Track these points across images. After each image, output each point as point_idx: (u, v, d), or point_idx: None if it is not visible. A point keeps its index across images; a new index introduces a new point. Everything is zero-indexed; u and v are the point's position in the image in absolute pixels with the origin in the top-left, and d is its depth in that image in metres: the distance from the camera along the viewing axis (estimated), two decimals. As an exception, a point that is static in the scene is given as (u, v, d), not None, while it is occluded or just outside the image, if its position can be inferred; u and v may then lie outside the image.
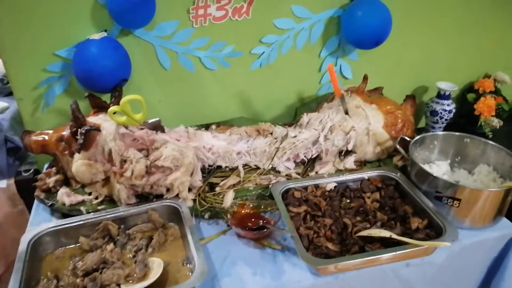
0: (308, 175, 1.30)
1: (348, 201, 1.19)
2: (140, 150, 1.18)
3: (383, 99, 1.46)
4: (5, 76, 1.73)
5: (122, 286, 0.92)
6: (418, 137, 1.30)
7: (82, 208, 1.15)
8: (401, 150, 1.29)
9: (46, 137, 1.21)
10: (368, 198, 1.19)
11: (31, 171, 1.47)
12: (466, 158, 1.31)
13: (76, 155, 1.14)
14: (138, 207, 1.13)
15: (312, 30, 1.51)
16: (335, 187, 1.23)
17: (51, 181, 1.20)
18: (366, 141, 1.33)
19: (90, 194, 1.19)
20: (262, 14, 1.42)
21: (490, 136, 1.68)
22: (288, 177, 1.28)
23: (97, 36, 1.25)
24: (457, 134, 1.32)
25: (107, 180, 1.18)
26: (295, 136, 1.32)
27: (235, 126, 1.41)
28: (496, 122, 1.68)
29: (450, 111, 1.65)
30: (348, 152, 1.34)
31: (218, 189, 1.23)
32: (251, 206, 1.16)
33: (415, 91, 1.77)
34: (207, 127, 1.43)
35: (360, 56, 1.61)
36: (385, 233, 1.02)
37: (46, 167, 1.34)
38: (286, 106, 1.66)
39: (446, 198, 1.10)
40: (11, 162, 1.55)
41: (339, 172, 1.30)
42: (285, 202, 1.14)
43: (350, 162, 1.32)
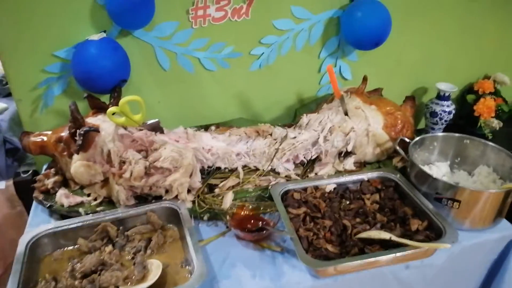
0: (307, 176, 1.30)
1: (348, 202, 1.19)
2: (139, 151, 1.18)
3: (383, 100, 1.45)
4: (4, 77, 1.73)
5: (120, 288, 0.92)
6: (417, 138, 1.29)
7: (81, 209, 1.14)
8: (400, 151, 1.29)
9: (45, 138, 1.20)
10: (368, 199, 1.19)
11: (30, 172, 1.47)
12: (466, 159, 1.31)
13: (75, 156, 1.14)
14: (137, 209, 1.12)
15: (312, 31, 1.51)
16: (334, 189, 1.23)
17: (50, 182, 1.20)
18: (365, 142, 1.33)
19: (89, 195, 1.19)
20: (261, 15, 1.42)
21: (490, 137, 1.68)
22: (288, 178, 1.28)
23: (96, 36, 1.25)
24: (456, 135, 1.32)
25: (106, 181, 1.17)
26: (295, 137, 1.31)
27: (234, 127, 1.41)
28: (496, 123, 1.68)
29: (449, 112, 1.65)
30: (347, 153, 1.33)
31: (217, 190, 1.23)
32: (251, 207, 1.16)
33: (414, 92, 1.77)
34: (207, 128, 1.42)
35: (360, 57, 1.61)
36: (384, 234, 1.02)
37: (44, 168, 1.34)
38: (286, 107, 1.65)
39: (446, 199, 1.10)
40: (9, 163, 1.55)
41: (338, 173, 1.29)
42: (284, 204, 1.14)
43: (349, 163, 1.32)
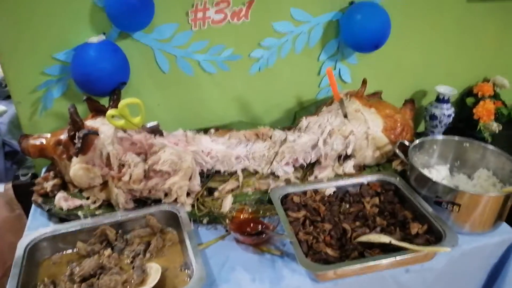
0: (307, 179, 1.30)
1: (348, 206, 1.18)
2: (138, 154, 1.17)
3: (382, 103, 1.45)
4: (3, 79, 1.73)
5: (119, 292, 0.92)
6: (417, 141, 1.29)
7: (80, 212, 1.14)
8: (400, 155, 1.29)
9: (44, 141, 1.20)
10: (368, 203, 1.19)
11: (29, 175, 1.46)
12: (465, 162, 1.31)
13: (74, 159, 1.14)
14: (136, 212, 1.12)
15: (311, 34, 1.50)
16: (334, 192, 1.23)
17: (49, 185, 1.20)
18: (365, 145, 1.33)
19: (88, 198, 1.18)
20: (261, 17, 1.42)
21: (489, 140, 1.68)
22: (287, 181, 1.28)
23: (95, 39, 1.25)
24: (456, 138, 1.32)
25: (105, 185, 1.17)
26: (294, 140, 1.31)
27: (234, 130, 1.40)
28: (495, 127, 1.67)
29: (449, 115, 1.65)
30: (347, 157, 1.33)
31: (216, 193, 1.23)
32: (250, 211, 1.16)
33: (414, 95, 1.76)
34: (206, 131, 1.42)
35: (359, 60, 1.61)
36: (384, 238, 1.02)
37: (44, 171, 1.33)
38: (285, 110, 1.65)
39: (445, 203, 1.10)
40: (8, 166, 1.55)
41: (338, 177, 1.29)
42: (284, 207, 1.14)
43: (349, 166, 1.32)
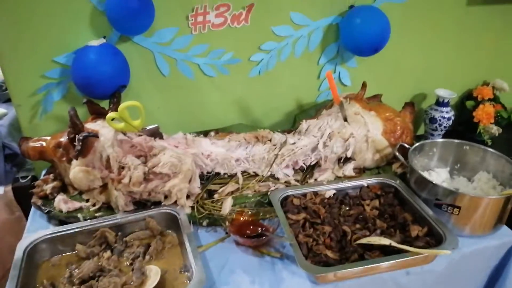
0: (307, 182, 1.29)
1: (348, 208, 1.18)
2: (138, 157, 1.17)
3: (382, 106, 1.46)
4: (3, 82, 1.73)
5: (118, 295, 0.91)
6: (417, 144, 1.29)
7: (79, 215, 1.14)
8: (400, 157, 1.29)
9: (44, 143, 1.20)
10: (368, 205, 1.18)
11: (29, 177, 1.46)
12: (465, 165, 1.31)
13: (74, 162, 1.14)
14: (136, 214, 1.12)
15: (311, 37, 1.51)
16: (334, 195, 1.22)
17: (49, 187, 1.20)
18: (365, 148, 1.33)
19: (87, 201, 1.18)
20: (261, 21, 1.42)
21: (489, 143, 1.68)
22: (287, 184, 1.28)
23: (96, 42, 1.26)
24: (456, 141, 1.32)
25: (104, 187, 1.17)
26: (294, 143, 1.31)
27: (234, 133, 1.41)
28: (495, 130, 1.68)
29: (449, 119, 1.65)
30: (347, 159, 1.33)
31: (216, 196, 1.23)
32: (250, 213, 1.16)
33: (414, 98, 1.77)
34: (206, 133, 1.42)
35: (359, 63, 1.62)
36: (384, 241, 1.01)
37: (43, 173, 1.33)
38: (285, 113, 1.66)
39: (446, 205, 1.10)
40: (8, 168, 1.55)
41: (338, 179, 1.29)
42: (284, 209, 1.13)
43: (349, 169, 1.32)
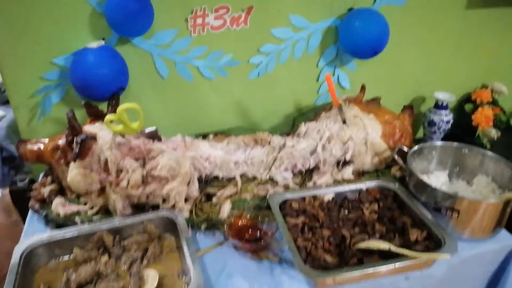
0: (306, 185, 1.29)
1: (346, 212, 1.18)
2: (136, 160, 1.17)
3: (381, 109, 1.45)
4: (2, 84, 1.73)
5: (116, 299, 0.91)
6: (416, 147, 1.29)
7: (77, 218, 1.13)
8: (399, 161, 1.28)
9: (42, 146, 1.20)
10: (367, 209, 1.18)
11: (26, 180, 1.45)
12: (464, 168, 1.31)
13: (72, 164, 1.13)
14: (134, 218, 1.11)
15: (310, 40, 1.51)
16: (333, 198, 1.22)
17: (46, 191, 1.19)
18: (364, 151, 1.32)
19: (85, 204, 1.18)
20: (260, 24, 1.42)
21: (488, 147, 1.68)
22: (286, 187, 1.27)
23: (95, 44, 1.25)
24: (455, 144, 1.31)
25: (102, 190, 1.16)
26: (293, 146, 1.31)
27: (232, 136, 1.40)
28: (494, 133, 1.68)
29: (447, 122, 1.65)
30: (346, 162, 1.33)
31: (215, 199, 1.22)
32: (248, 217, 1.15)
33: (412, 101, 1.77)
34: (205, 136, 1.42)
35: (358, 66, 1.61)
36: (384, 245, 1.01)
37: (41, 176, 1.32)
38: (284, 116, 1.65)
39: (445, 209, 1.09)
40: (6, 171, 1.54)
41: (337, 182, 1.29)
42: (282, 213, 1.13)
43: (348, 172, 1.31)
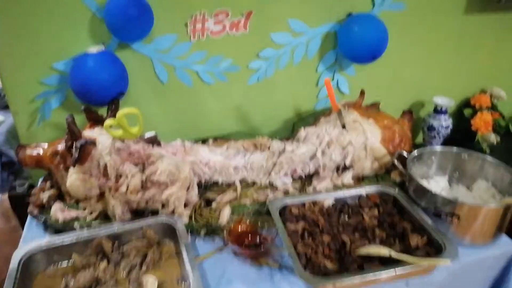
0: (305, 190, 1.29)
1: (346, 217, 1.18)
2: (136, 165, 1.16)
3: (380, 114, 1.46)
4: (1, 89, 1.72)
5: (115, 306, 0.90)
6: (415, 152, 1.29)
7: (76, 224, 1.13)
8: (399, 166, 1.28)
9: (41, 151, 1.19)
10: (367, 214, 1.18)
11: (25, 185, 1.45)
12: (464, 173, 1.31)
13: (71, 170, 1.13)
14: (133, 224, 1.11)
15: (309, 45, 1.51)
16: (333, 204, 1.22)
17: (45, 196, 1.19)
18: (363, 156, 1.32)
19: (84, 209, 1.17)
20: (259, 29, 1.42)
21: (488, 152, 1.68)
22: (286, 192, 1.27)
23: (94, 49, 1.25)
24: (455, 149, 1.31)
25: (101, 196, 1.16)
26: (293, 151, 1.31)
27: (232, 141, 1.40)
28: (493, 138, 1.68)
29: (447, 127, 1.65)
30: (345, 168, 1.33)
31: (214, 204, 1.22)
32: (248, 222, 1.15)
33: (412, 106, 1.77)
34: (204, 141, 1.42)
35: (357, 71, 1.62)
36: (384, 250, 1.00)
37: (40, 181, 1.32)
38: (284, 121, 1.65)
39: (445, 214, 1.09)
40: (5, 176, 1.54)
41: (337, 188, 1.28)
42: (282, 219, 1.12)
43: (347, 177, 1.31)
